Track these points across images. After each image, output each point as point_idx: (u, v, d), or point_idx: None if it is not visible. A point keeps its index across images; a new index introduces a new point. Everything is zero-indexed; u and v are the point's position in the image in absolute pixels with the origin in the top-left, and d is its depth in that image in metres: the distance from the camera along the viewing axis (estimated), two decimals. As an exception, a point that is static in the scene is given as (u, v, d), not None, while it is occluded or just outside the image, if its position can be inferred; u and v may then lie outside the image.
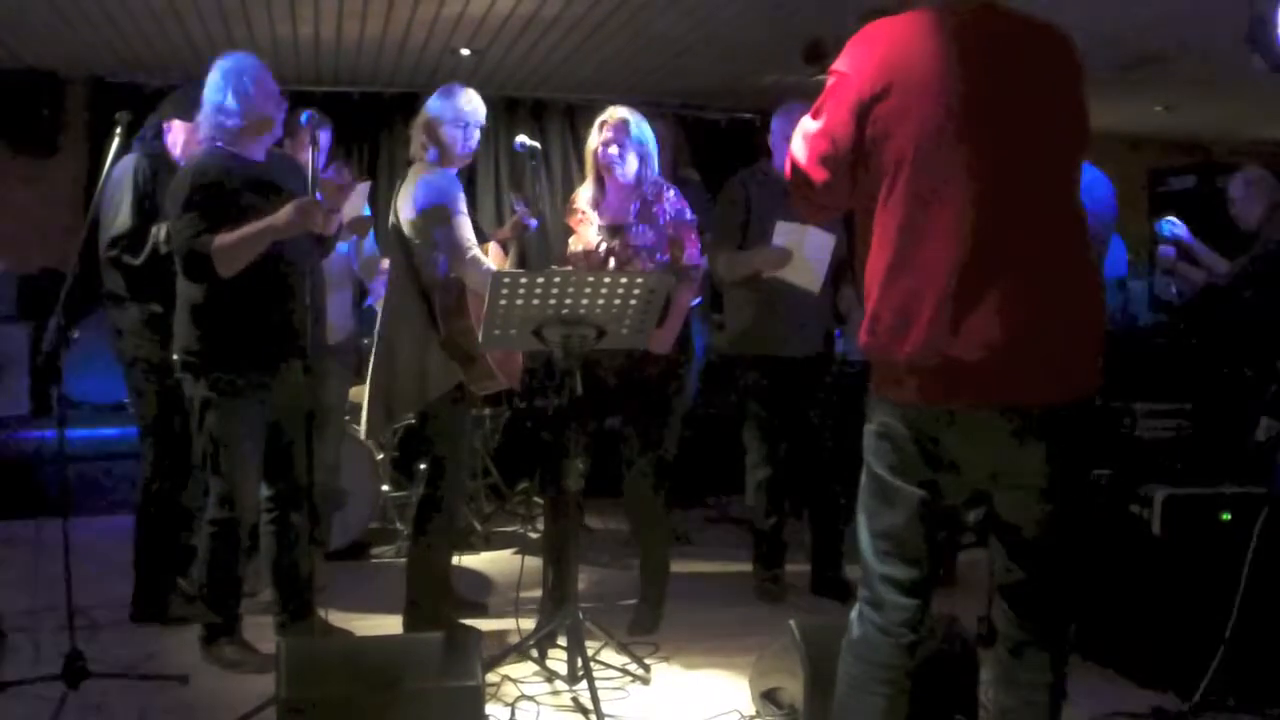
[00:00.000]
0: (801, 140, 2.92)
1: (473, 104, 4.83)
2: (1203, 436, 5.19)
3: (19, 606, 5.01)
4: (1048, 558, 2.86)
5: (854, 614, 2.95)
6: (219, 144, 4.46)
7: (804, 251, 5.29)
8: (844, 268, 5.40)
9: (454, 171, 4.85)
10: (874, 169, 2.77)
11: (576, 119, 9.28)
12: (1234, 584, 4.12)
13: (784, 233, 5.29)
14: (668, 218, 4.98)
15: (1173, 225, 6.07)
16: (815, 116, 2.88)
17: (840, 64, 2.84)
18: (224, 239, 4.26)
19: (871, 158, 2.77)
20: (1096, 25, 6.38)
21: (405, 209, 4.75)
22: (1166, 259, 6.01)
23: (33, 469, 7.07)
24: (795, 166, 2.93)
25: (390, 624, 5.10)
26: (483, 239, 4.99)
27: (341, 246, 5.61)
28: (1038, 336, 2.66)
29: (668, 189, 5.03)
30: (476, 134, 4.86)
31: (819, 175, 2.87)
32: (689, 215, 5.04)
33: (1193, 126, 9.99)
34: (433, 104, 4.82)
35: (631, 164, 4.96)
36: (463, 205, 4.70)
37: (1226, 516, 4.36)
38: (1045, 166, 2.75)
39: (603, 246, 4.99)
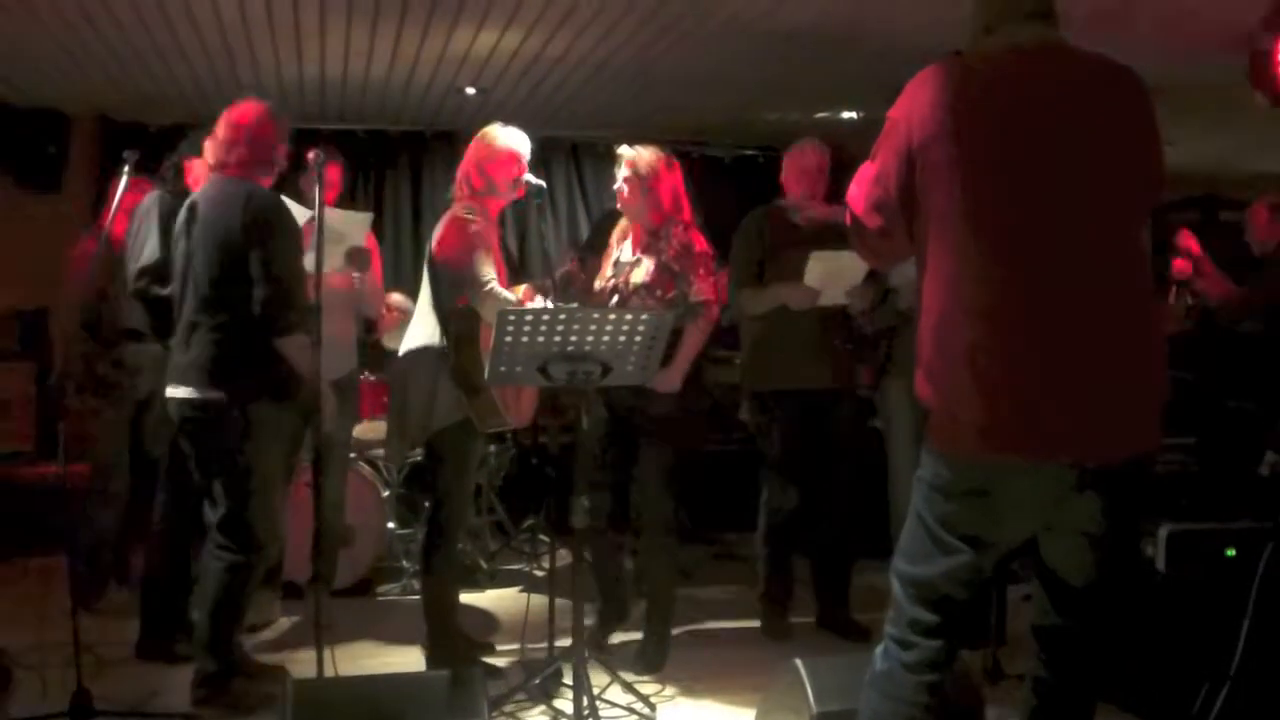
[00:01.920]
0: (857, 187, 2.89)
1: (501, 142, 4.86)
2: (1207, 471, 5.19)
3: (26, 643, 5.00)
4: (1089, 606, 2.85)
5: (879, 649, 2.95)
6: (260, 180, 4.53)
7: (838, 275, 5.31)
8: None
9: (489, 207, 4.85)
10: (925, 216, 2.74)
11: (581, 156, 9.34)
12: (1239, 619, 4.10)
13: (821, 259, 5.28)
14: (672, 253, 4.95)
15: (1186, 239, 6.02)
16: (871, 162, 2.86)
17: (895, 108, 2.80)
18: (303, 347, 4.35)
19: (922, 205, 2.73)
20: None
21: (434, 240, 4.80)
22: (1181, 274, 5.96)
23: (39, 504, 7.07)
24: (852, 214, 2.91)
25: (397, 662, 5.10)
26: (516, 280, 5.04)
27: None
28: (1096, 393, 2.61)
29: (677, 224, 4.99)
30: (508, 170, 4.83)
31: (873, 222, 2.85)
32: (698, 249, 4.97)
33: (1195, 161, 10.00)
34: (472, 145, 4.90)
35: (637, 201, 4.97)
36: (484, 240, 4.72)
37: (1231, 552, 4.35)
38: (1108, 215, 2.67)
39: (612, 282, 5.01)
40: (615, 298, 4.96)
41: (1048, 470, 2.66)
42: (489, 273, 4.65)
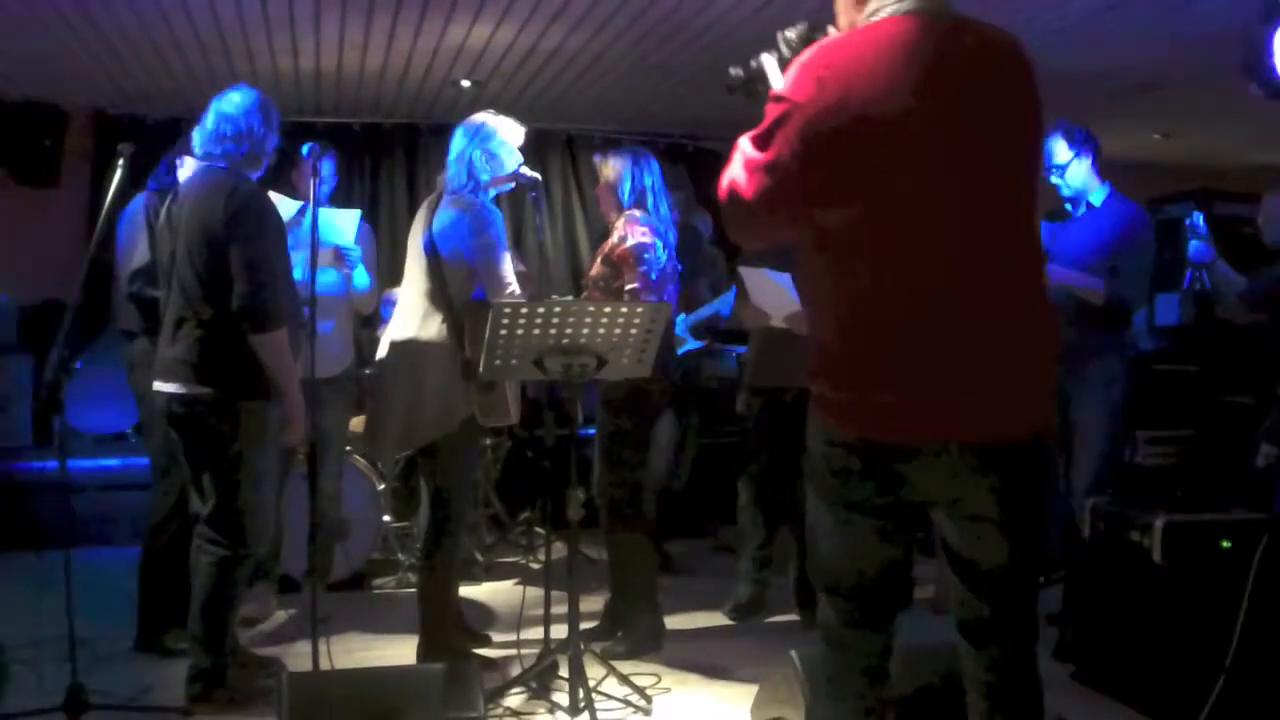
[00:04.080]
0: (744, 169, 2.72)
1: (503, 131, 4.83)
2: (1203, 463, 5.19)
3: (21, 638, 5.00)
4: (1006, 590, 2.75)
5: (819, 656, 2.96)
6: (248, 172, 4.49)
7: (773, 291, 5.38)
8: None
9: (490, 199, 4.82)
10: (823, 199, 2.62)
11: (576, 149, 9.32)
12: (1235, 611, 4.11)
13: (748, 275, 5.46)
14: (609, 247, 5.03)
15: (1204, 225, 5.87)
16: (760, 145, 2.70)
17: (789, 87, 2.66)
18: (279, 345, 4.34)
19: (820, 188, 2.61)
20: (1095, 52, 6.42)
21: (446, 236, 4.69)
22: (1204, 258, 5.83)
23: (35, 499, 7.08)
24: (736, 196, 2.73)
25: (392, 655, 5.10)
26: None
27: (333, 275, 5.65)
28: (992, 375, 2.57)
29: (621, 218, 5.05)
30: (509, 159, 4.82)
31: (762, 207, 2.69)
32: (630, 242, 4.94)
33: (1192, 154, 10.01)
34: (459, 134, 4.86)
35: (605, 206, 5.17)
36: (505, 238, 4.72)
37: (1227, 544, 4.34)
38: (1005, 194, 2.62)
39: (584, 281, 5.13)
40: (583, 294, 5.04)
41: (940, 452, 2.60)
42: (511, 276, 4.65)
